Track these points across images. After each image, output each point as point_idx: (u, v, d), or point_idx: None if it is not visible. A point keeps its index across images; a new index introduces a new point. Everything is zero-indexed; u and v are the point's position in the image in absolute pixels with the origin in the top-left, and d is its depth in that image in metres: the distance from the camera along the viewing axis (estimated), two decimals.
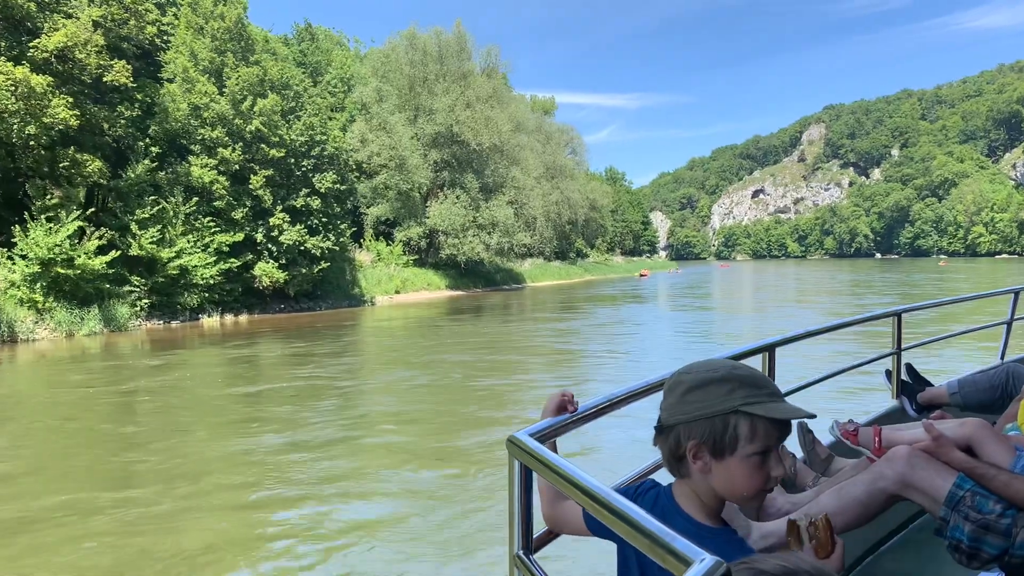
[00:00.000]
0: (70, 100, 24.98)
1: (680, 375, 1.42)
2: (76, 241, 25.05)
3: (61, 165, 25.62)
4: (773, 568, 0.97)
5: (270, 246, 33.04)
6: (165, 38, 33.09)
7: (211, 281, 30.01)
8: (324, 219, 35.21)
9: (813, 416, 1.40)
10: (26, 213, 24.67)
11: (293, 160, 33.99)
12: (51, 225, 24.54)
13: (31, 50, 24.79)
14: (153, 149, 29.56)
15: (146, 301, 28.18)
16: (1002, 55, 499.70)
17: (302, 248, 33.70)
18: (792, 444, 2.74)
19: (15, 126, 23.91)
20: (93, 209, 26.21)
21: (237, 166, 31.83)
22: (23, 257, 24.21)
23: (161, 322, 28.77)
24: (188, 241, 29.48)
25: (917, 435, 2.50)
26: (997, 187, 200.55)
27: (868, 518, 2.29)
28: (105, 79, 26.39)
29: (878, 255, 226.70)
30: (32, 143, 24.42)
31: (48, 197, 25.07)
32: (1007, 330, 4.94)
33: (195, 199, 30.18)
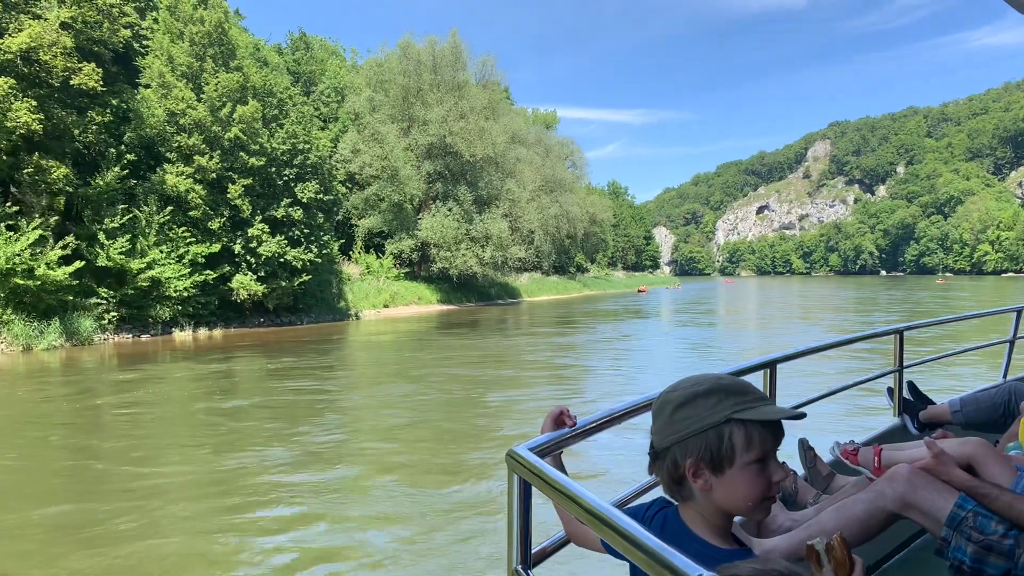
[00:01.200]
0: (34, 104, 23.99)
1: (666, 395, 1.38)
2: (39, 250, 23.97)
3: (25, 171, 24.58)
4: (747, 572, 1.00)
5: (248, 258, 31.90)
6: (144, 42, 32.14)
7: (185, 293, 28.89)
8: (306, 230, 34.11)
9: (803, 416, 1.35)
10: None
11: (274, 169, 32.94)
12: (10, 234, 23.49)
13: None
14: (128, 156, 28.50)
15: (114, 314, 27.05)
16: (1008, 73, 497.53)
17: (282, 260, 32.57)
18: (793, 461, 2.77)
19: None
20: (57, 218, 25.13)
21: (215, 175, 30.76)
22: None
23: (131, 336, 27.64)
24: (161, 252, 28.38)
25: (917, 454, 2.48)
26: (1003, 205, 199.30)
27: (868, 537, 2.24)
28: (73, 82, 25.36)
29: (883, 272, 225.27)
30: None
31: (8, 204, 24.02)
32: (1009, 348, 4.90)
33: (169, 208, 29.12)
